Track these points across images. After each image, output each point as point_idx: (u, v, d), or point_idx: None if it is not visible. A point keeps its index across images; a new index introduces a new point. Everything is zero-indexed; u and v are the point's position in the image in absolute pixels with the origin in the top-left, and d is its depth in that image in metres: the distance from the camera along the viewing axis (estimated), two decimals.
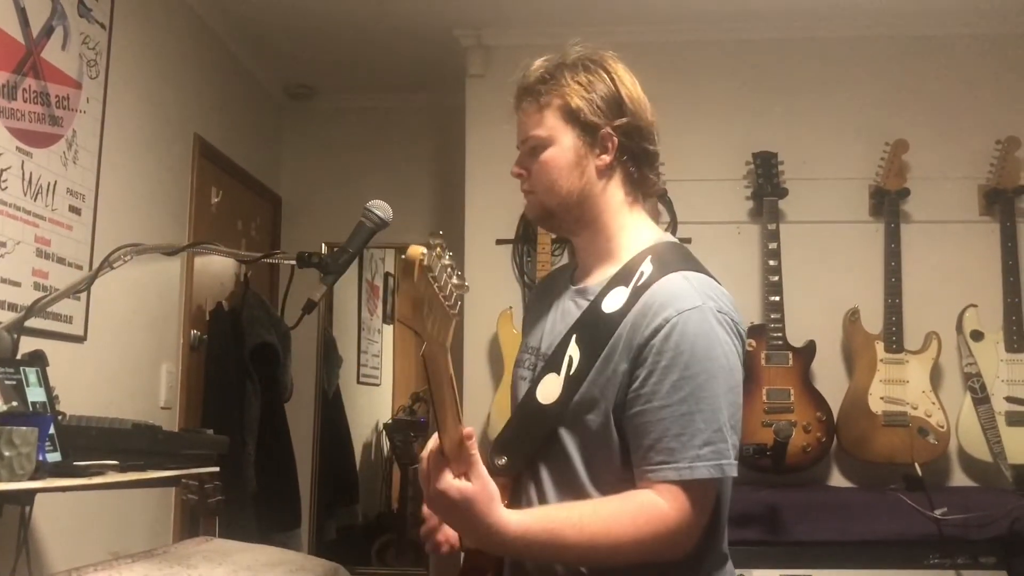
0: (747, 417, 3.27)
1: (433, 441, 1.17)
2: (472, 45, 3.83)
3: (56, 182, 2.62)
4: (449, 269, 1.08)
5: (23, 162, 2.47)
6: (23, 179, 2.46)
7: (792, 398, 3.29)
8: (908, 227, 3.47)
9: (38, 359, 1.99)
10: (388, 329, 6.79)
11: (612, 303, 1.32)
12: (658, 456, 1.22)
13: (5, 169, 2.39)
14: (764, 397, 3.29)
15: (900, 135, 3.46)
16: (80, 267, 2.74)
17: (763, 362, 3.33)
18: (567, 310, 1.41)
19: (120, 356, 3.05)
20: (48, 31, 2.59)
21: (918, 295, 3.41)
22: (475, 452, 1.16)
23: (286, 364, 4.00)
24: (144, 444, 2.12)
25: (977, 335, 3.33)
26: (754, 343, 3.35)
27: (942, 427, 3.26)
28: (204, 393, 3.67)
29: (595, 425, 1.29)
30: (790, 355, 3.34)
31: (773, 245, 3.41)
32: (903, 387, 3.30)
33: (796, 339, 3.36)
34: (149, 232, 3.19)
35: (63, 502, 2.34)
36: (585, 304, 1.37)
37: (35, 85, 2.53)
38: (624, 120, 1.38)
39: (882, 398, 3.29)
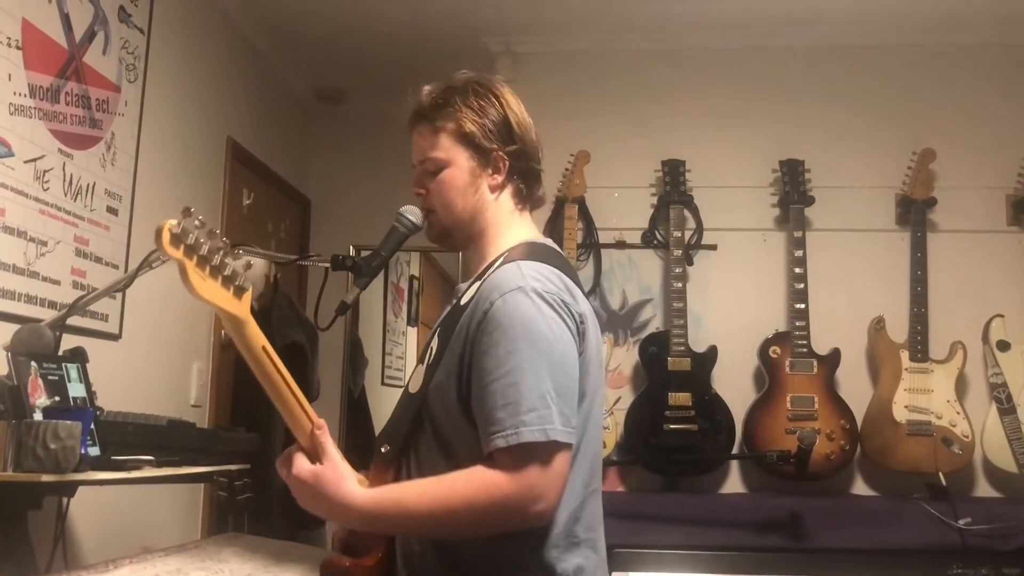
0: (771, 424, 3.29)
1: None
2: (501, 52, 3.86)
3: (95, 183, 2.69)
4: (216, 241, 1.11)
5: (64, 164, 2.53)
6: (64, 180, 2.53)
7: (816, 405, 3.30)
8: (934, 236, 3.46)
9: (79, 355, 2.05)
10: (412, 331, 6.84)
11: (467, 296, 1.42)
12: (490, 427, 1.28)
13: (48, 170, 2.45)
14: (788, 404, 3.30)
15: (927, 144, 3.46)
16: (116, 266, 2.81)
17: (787, 369, 3.34)
18: (444, 312, 1.52)
19: (153, 354, 3.11)
20: (90, 36, 2.66)
21: (944, 304, 3.41)
22: (325, 440, 1.32)
23: (314, 364, 4.06)
24: (179, 440, 2.18)
25: (1003, 345, 3.33)
26: (779, 350, 3.36)
27: (967, 437, 3.26)
28: (233, 392, 3.73)
29: (446, 406, 1.37)
30: (815, 362, 3.34)
31: (799, 253, 3.42)
32: (928, 396, 3.29)
33: (821, 347, 3.37)
34: None
35: (97, 496, 2.40)
36: (455, 302, 1.47)
37: (77, 89, 2.60)
38: (514, 145, 1.50)
39: (906, 407, 3.29)
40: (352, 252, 4.53)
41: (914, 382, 3.31)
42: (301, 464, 1.31)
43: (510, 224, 1.52)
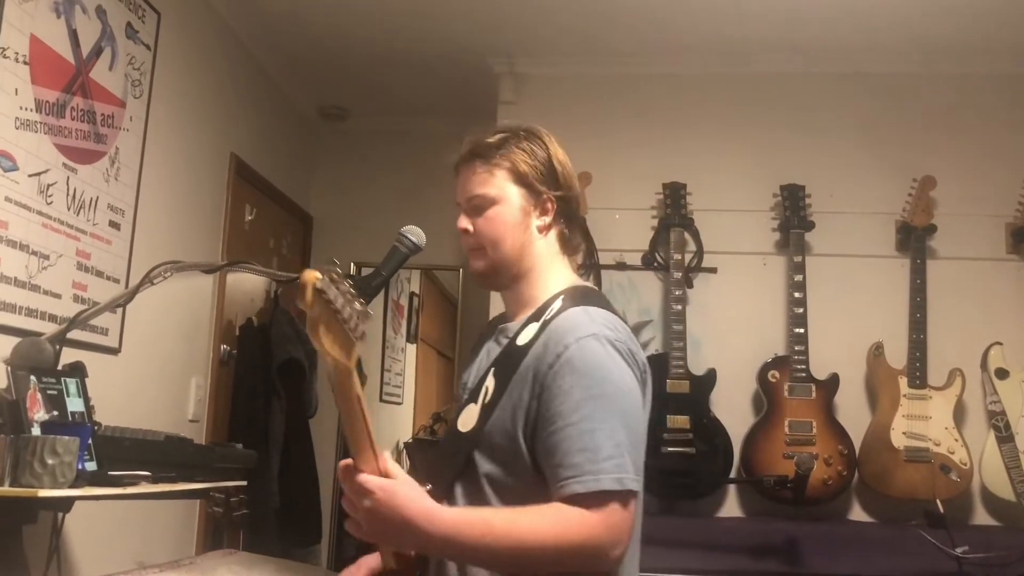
0: (769, 448, 3.28)
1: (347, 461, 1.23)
2: (504, 72, 3.89)
3: (98, 198, 2.70)
4: (348, 295, 1.13)
5: (68, 178, 2.55)
6: (67, 194, 2.54)
7: (814, 430, 3.30)
8: (934, 263, 3.47)
9: (78, 370, 2.05)
10: (411, 348, 6.84)
11: (524, 337, 1.44)
12: (565, 472, 1.30)
13: (51, 184, 2.47)
14: (786, 429, 3.30)
15: (928, 171, 3.47)
16: (117, 281, 2.81)
17: (786, 394, 3.34)
18: (491, 349, 1.54)
19: (152, 369, 3.11)
20: (97, 52, 2.68)
21: (943, 331, 3.41)
22: (394, 469, 1.23)
23: (312, 380, 4.06)
24: (175, 456, 2.18)
25: (1002, 373, 3.33)
26: (778, 374, 3.36)
27: (965, 464, 3.25)
28: (231, 407, 3.73)
29: (504, 448, 1.38)
30: (813, 387, 3.34)
31: (799, 277, 3.43)
32: (926, 423, 3.29)
33: (820, 371, 3.37)
34: (184, 248, 3.26)
35: (93, 510, 2.39)
36: (506, 342, 1.49)
37: (83, 104, 2.61)
38: (560, 191, 1.54)
39: (904, 433, 3.29)
40: (353, 269, 4.54)
41: (912, 408, 3.31)
42: (366, 475, 1.20)
43: (555, 265, 1.55)
